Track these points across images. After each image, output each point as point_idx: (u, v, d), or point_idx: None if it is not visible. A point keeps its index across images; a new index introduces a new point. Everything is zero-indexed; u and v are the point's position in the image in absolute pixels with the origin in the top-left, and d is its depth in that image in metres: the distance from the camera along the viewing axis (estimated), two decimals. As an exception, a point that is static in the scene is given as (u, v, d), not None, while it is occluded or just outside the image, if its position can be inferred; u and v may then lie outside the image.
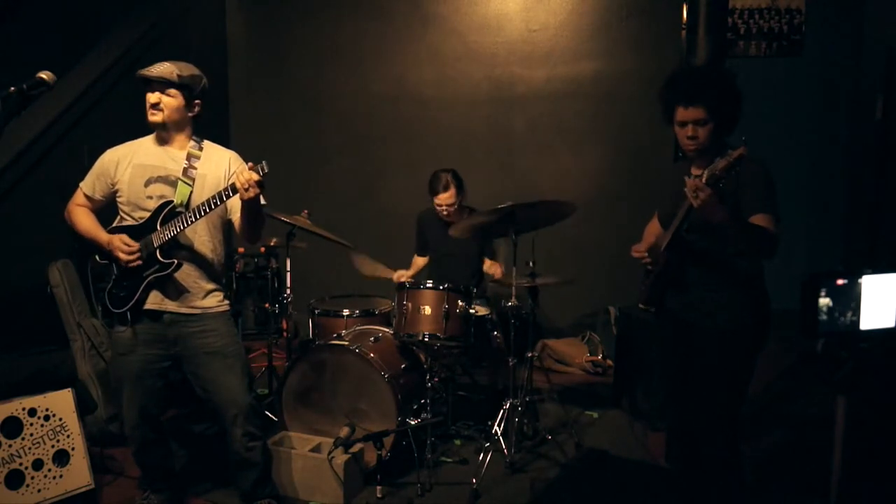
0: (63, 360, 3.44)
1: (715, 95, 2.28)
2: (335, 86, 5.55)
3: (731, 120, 2.32)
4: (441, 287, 3.24)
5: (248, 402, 2.72)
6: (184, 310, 2.64)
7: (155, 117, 2.59)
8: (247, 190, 2.37)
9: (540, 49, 5.24)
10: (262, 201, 2.54)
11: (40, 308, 3.45)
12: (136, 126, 2.66)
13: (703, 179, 2.12)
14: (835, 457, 1.74)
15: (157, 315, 2.64)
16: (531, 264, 3.41)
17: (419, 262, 4.11)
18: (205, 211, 2.49)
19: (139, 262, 2.56)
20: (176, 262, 2.57)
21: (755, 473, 2.92)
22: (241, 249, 5.41)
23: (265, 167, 2.37)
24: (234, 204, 2.61)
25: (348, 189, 5.58)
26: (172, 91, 2.57)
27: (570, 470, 3.26)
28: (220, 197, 2.46)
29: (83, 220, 2.68)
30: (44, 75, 1.88)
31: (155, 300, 2.62)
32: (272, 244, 4.14)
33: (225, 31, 5.68)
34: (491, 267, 3.86)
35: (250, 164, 2.42)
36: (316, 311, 3.66)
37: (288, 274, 3.85)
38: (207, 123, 2.72)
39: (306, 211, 3.72)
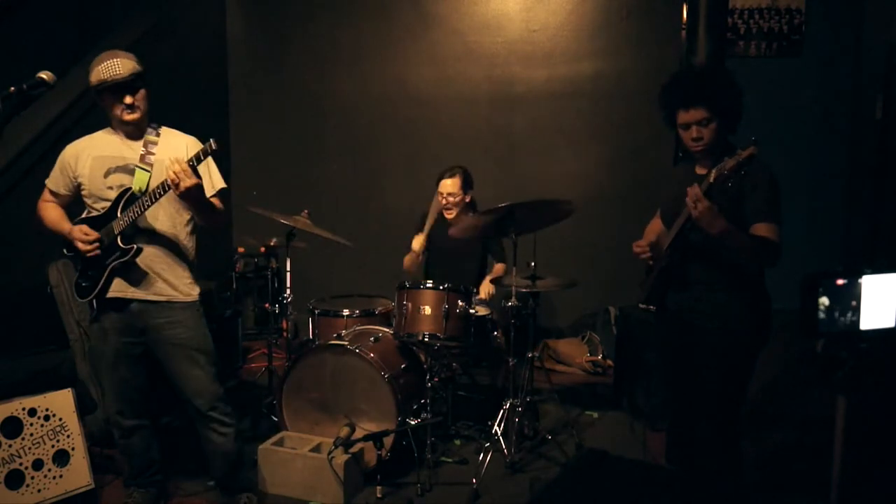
0: (63, 360, 3.43)
1: (713, 94, 2.28)
2: (335, 86, 5.55)
3: (733, 116, 2.32)
4: (441, 287, 3.24)
5: (215, 391, 2.73)
6: (150, 297, 2.63)
7: (134, 115, 2.54)
8: (177, 185, 2.32)
9: (540, 49, 5.24)
10: (209, 194, 2.55)
11: (40, 308, 3.45)
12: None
13: (712, 178, 2.11)
14: (835, 457, 1.74)
15: (122, 304, 2.63)
16: (532, 265, 3.41)
17: (419, 238, 3.93)
18: (158, 195, 2.46)
19: (97, 251, 2.55)
20: (136, 247, 2.55)
21: (755, 473, 2.92)
22: (241, 249, 5.40)
23: (213, 144, 2.32)
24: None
25: (348, 189, 5.58)
26: (140, 83, 2.51)
27: (570, 470, 3.26)
28: (164, 186, 2.43)
29: (49, 213, 2.69)
30: (44, 75, 1.87)
31: (119, 287, 2.61)
32: (272, 244, 4.13)
33: (225, 31, 5.67)
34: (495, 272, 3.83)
35: (203, 146, 2.35)
36: (316, 311, 3.65)
37: (288, 274, 3.85)
38: (207, 123, 2.71)
39: (306, 211, 3.72)
